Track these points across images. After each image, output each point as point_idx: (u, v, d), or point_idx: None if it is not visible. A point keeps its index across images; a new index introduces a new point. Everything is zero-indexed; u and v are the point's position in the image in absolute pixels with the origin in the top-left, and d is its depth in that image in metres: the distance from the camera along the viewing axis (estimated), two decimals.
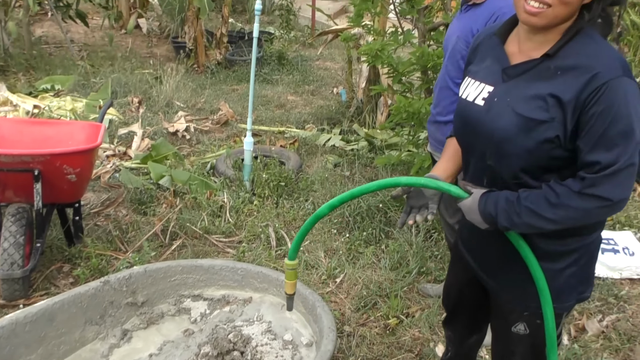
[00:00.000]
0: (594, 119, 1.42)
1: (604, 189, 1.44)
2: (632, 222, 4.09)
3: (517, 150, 1.51)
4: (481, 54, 1.71)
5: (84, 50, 8.48)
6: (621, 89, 1.41)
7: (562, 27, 1.51)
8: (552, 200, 1.49)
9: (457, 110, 1.73)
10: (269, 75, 7.95)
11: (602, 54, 1.46)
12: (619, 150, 1.42)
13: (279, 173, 4.44)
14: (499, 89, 1.58)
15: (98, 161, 4.78)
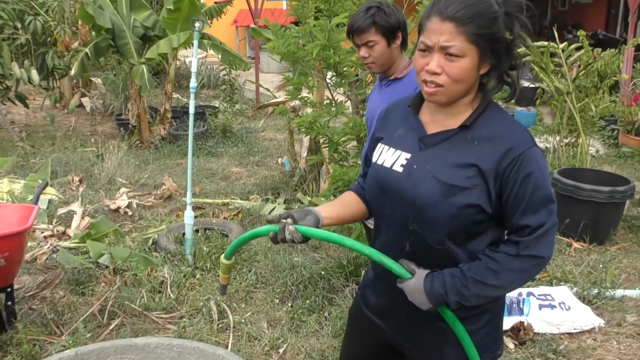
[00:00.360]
0: (517, 187, 1.53)
1: (537, 249, 1.54)
2: (568, 277, 4.20)
3: (441, 215, 1.56)
4: (393, 123, 1.77)
5: (25, 131, 8.41)
6: (534, 158, 1.54)
7: (468, 99, 1.61)
8: (493, 267, 1.56)
9: (373, 176, 1.74)
10: (213, 148, 8.01)
11: (513, 126, 1.58)
12: (544, 213, 1.53)
13: (220, 245, 4.43)
14: (418, 156, 1.64)
15: (35, 242, 4.68)
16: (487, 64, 1.56)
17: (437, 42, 1.52)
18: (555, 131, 6.54)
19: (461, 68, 1.52)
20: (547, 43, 6.23)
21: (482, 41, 1.51)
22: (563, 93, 6.20)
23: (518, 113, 9.65)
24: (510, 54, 1.57)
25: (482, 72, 1.57)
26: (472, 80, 1.56)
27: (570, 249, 4.74)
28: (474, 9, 1.50)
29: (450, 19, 1.50)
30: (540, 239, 1.53)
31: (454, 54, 1.51)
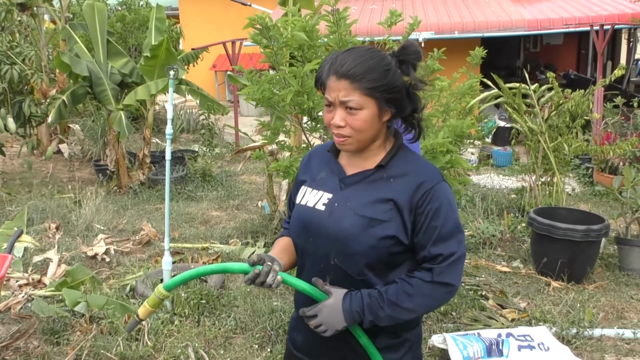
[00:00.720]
0: (429, 219, 1.67)
1: (450, 276, 1.68)
2: (546, 317, 4.21)
3: (361, 247, 1.68)
4: (315, 167, 1.89)
5: (1, 178, 8.33)
6: (443, 191, 1.70)
7: (378, 143, 1.75)
8: (409, 291, 1.68)
9: (297, 216, 1.84)
10: (193, 192, 8.00)
11: (424, 164, 1.76)
12: (454, 242, 1.69)
13: (199, 291, 4.39)
14: (339, 195, 1.76)
15: (9, 292, 4.59)
16: (388, 111, 1.69)
17: (337, 98, 1.66)
18: (531, 170, 6.65)
19: (361, 120, 1.65)
20: (518, 84, 6.39)
21: (378, 93, 1.64)
22: (536, 133, 6.32)
23: (495, 152, 9.81)
24: (411, 99, 1.71)
25: (385, 119, 1.71)
26: (376, 127, 1.70)
27: (548, 288, 4.76)
28: (365, 66, 1.63)
29: (345, 76, 1.63)
30: (452, 267, 1.68)
31: (353, 108, 1.64)
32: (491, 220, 6.28)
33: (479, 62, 6.67)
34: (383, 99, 1.65)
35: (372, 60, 1.64)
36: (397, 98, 1.67)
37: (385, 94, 1.64)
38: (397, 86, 1.65)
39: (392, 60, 1.66)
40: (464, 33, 10.45)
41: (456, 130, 3.84)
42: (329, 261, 1.74)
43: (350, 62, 1.64)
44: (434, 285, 1.68)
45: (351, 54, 1.66)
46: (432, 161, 3.58)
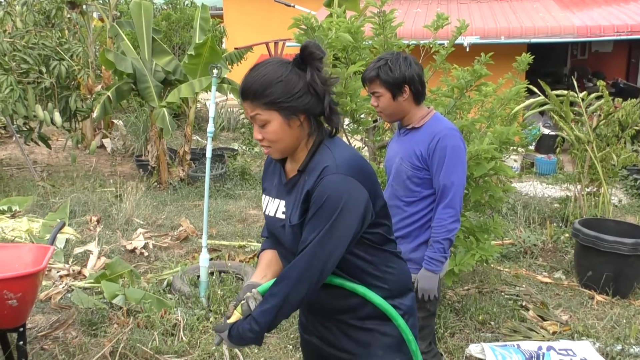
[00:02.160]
0: (312, 205, 1.73)
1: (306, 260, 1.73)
2: (590, 332, 4.07)
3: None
4: (270, 173, 1.99)
5: (46, 170, 8.53)
6: (332, 183, 1.70)
7: (302, 145, 1.82)
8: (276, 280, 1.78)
9: (267, 226, 1.99)
10: (231, 190, 8.04)
11: (329, 156, 1.76)
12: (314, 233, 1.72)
13: (235, 288, 4.39)
14: (286, 201, 1.87)
15: (50, 282, 4.68)
16: (296, 118, 1.74)
17: (248, 117, 1.78)
18: (576, 180, 6.48)
19: (272, 132, 1.75)
20: (566, 92, 6.23)
21: (277, 105, 1.71)
22: (584, 142, 6.16)
23: (538, 160, 9.60)
24: (320, 97, 1.75)
25: (296, 125, 1.76)
26: (293, 134, 1.77)
27: (592, 302, 4.62)
28: (259, 83, 1.72)
29: (245, 97, 1.75)
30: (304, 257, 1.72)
31: (261, 123, 1.75)
32: (533, 229, 6.14)
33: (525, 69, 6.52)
34: (285, 110, 1.72)
35: (265, 77, 1.71)
36: (302, 103, 1.73)
37: (284, 104, 1.71)
38: (296, 93, 1.71)
39: (286, 69, 1.73)
40: (510, 38, 10.25)
41: (501, 137, 3.74)
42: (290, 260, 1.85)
43: (248, 83, 1.74)
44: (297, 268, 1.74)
45: (250, 74, 1.75)
46: (475, 167, 3.50)
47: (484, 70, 3.72)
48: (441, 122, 2.72)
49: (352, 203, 1.71)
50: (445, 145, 2.63)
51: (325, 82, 1.76)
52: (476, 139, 3.77)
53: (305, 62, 1.74)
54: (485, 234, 3.85)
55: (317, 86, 1.73)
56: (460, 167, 2.67)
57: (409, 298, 1.95)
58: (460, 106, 3.89)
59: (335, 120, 1.80)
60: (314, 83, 1.73)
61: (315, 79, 1.73)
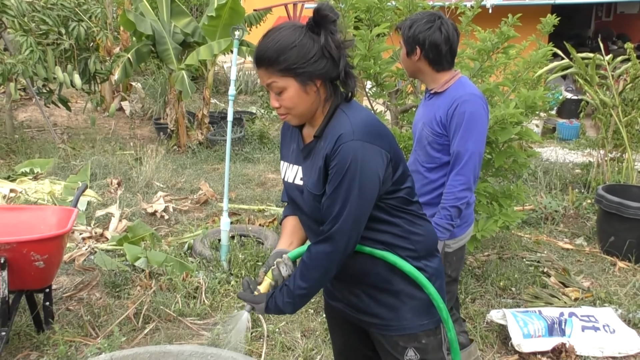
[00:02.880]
0: (331, 175, 1.71)
1: (333, 234, 1.73)
2: (612, 298, 4.05)
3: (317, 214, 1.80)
4: (288, 139, 1.97)
5: (66, 133, 8.57)
6: (349, 151, 1.68)
7: (319, 111, 1.79)
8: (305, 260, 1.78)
9: (287, 192, 1.97)
10: (250, 154, 8.04)
11: (345, 123, 1.73)
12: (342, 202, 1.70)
13: (256, 253, 4.41)
14: (303, 167, 1.86)
15: (73, 244, 4.74)
16: (312, 83, 1.72)
17: (264, 84, 1.76)
18: (600, 145, 6.38)
19: (288, 98, 1.72)
20: (592, 55, 6.09)
21: (292, 71, 1.68)
22: (609, 106, 6.04)
23: (560, 125, 9.46)
24: (335, 61, 1.71)
25: (313, 90, 1.73)
26: (310, 100, 1.74)
27: (614, 269, 4.58)
28: (273, 49, 1.68)
29: (260, 64, 1.72)
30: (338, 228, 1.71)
31: (277, 90, 1.72)
32: (554, 195, 6.08)
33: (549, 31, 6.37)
34: (301, 75, 1.69)
35: (279, 43, 1.68)
36: (317, 68, 1.70)
37: (300, 69, 1.68)
38: (311, 57, 1.68)
39: (300, 34, 1.69)
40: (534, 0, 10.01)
41: (528, 101, 3.67)
42: (309, 225, 1.89)
43: (261, 50, 1.70)
44: (321, 249, 1.74)
45: (263, 40, 1.72)
46: (500, 132, 3.44)
47: (511, 32, 3.62)
48: (464, 87, 2.65)
49: (372, 169, 1.70)
50: (464, 111, 2.56)
51: (340, 45, 1.72)
52: (501, 103, 3.70)
53: (319, 26, 1.70)
54: (508, 199, 3.81)
55: (332, 50, 1.70)
56: (477, 134, 2.59)
57: (436, 260, 1.94)
58: (486, 69, 3.81)
59: (351, 84, 1.78)
60: (328, 47, 1.70)
61: (329, 42, 1.70)
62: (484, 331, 3.64)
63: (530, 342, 3.36)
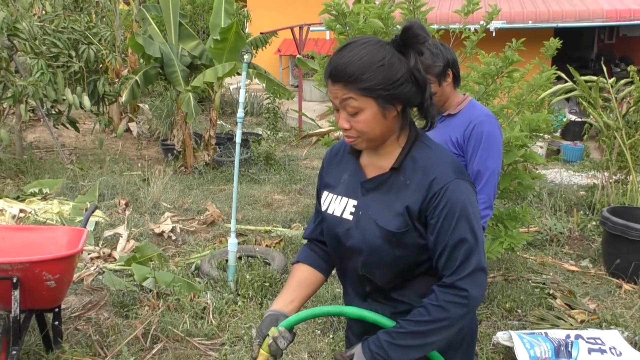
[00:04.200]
0: (439, 223, 1.55)
1: (465, 282, 1.55)
2: (618, 321, 4.06)
3: (386, 259, 1.62)
4: (338, 168, 1.78)
5: (75, 154, 8.65)
6: (455, 191, 1.55)
7: (393, 139, 1.63)
8: (424, 317, 1.55)
9: (328, 228, 1.76)
10: (256, 175, 8.09)
11: (437, 160, 1.60)
12: (467, 253, 1.55)
13: (263, 273, 4.44)
14: (362, 202, 1.67)
15: (82, 264, 4.78)
16: (393, 108, 1.55)
17: (336, 102, 1.57)
18: (604, 167, 6.41)
19: (363, 121, 1.55)
20: (595, 78, 6.15)
21: (374, 92, 1.51)
22: (612, 129, 6.08)
23: (565, 147, 9.51)
24: (420, 87, 1.55)
25: (392, 115, 1.57)
26: (385, 125, 1.57)
27: (620, 291, 4.59)
28: (356, 65, 1.51)
29: (337, 80, 1.53)
30: (469, 277, 1.54)
31: (352, 111, 1.55)
32: (559, 217, 6.10)
33: (553, 54, 6.45)
34: (382, 98, 1.52)
35: (364, 58, 1.51)
36: (402, 92, 1.53)
37: (383, 91, 1.51)
38: (397, 80, 1.51)
39: (388, 52, 1.52)
40: (537, 23, 10.12)
41: (532, 124, 3.73)
42: (358, 272, 1.69)
43: (342, 63, 1.53)
44: (446, 296, 1.55)
45: (343, 53, 1.54)
46: (505, 155, 3.49)
47: (515, 56, 3.69)
48: (477, 109, 2.72)
49: (477, 207, 1.61)
50: (482, 131, 2.62)
51: (428, 69, 1.56)
52: (506, 126, 3.76)
53: (407, 46, 1.53)
54: (513, 221, 3.84)
55: (420, 74, 1.53)
56: (495, 153, 2.66)
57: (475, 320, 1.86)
58: (491, 93, 3.87)
59: (432, 113, 1.61)
60: (416, 70, 1.53)
61: (418, 65, 1.53)
62: (490, 353, 3.65)
63: None
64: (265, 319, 1.69)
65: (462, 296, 1.54)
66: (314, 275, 1.83)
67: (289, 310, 1.72)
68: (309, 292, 1.81)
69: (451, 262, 1.55)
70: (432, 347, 1.59)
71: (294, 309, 1.73)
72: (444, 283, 1.57)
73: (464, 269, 1.54)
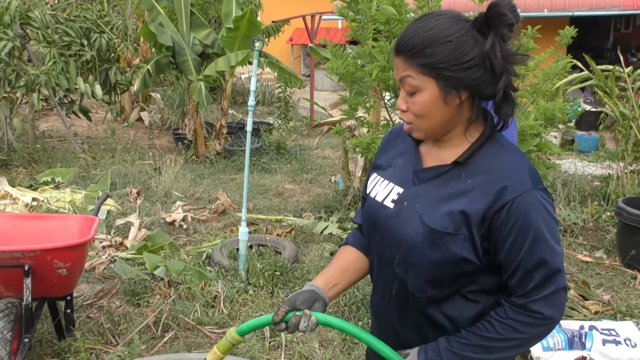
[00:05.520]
0: (510, 238, 1.37)
1: (542, 306, 1.39)
2: (634, 312, 4.01)
3: (422, 260, 1.44)
4: (393, 151, 1.62)
5: (87, 143, 8.68)
6: (531, 203, 1.36)
7: (458, 131, 1.45)
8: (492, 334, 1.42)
9: (367, 211, 1.61)
10: (267, 165, 8.08)
11: (512, 164, 1.41)
12: (546, 273, 1.38)
13: (274, 262, 4.43)
14: (409, 191, 1.50)
15: (93, 252, 4.79)
16: (456, 94, 1.37)
17: (397, 78, 1.43)
18: (620, 158, 6.33)
19: (420, 103, 1.39)
20: (611, 67, 6.06)
21: (438, 70, 1.35)
22: (628, 119, 6.00)
23: (579, 137, 9.41)
24: (495, 74, 1.36)
25: (456, 103, 1.39)
26: (445, 113, 1.40)
27: (634, 282, 4.54)
28: (421, 37, 1.36)
29: (400, 52, 1.39)
30: (547, 299, 1.38)
31: (410, 90, 1.40)
32: (573, 208, 6.04)
33: (568, 43, 6.35)
34: (445, 79, 1.35)
35: (432, 31, 1.34)
36: (469, 76, 1.34)
37: (446, 71, 1.34)
38: (466, 61, 1.33)
39: (462, 28, 1.34)
40: (553, 11, 9.99)
41: (547, 113, 3.67)
42: (394, 268, 1.52)
43: (407, 35, 1.37)
44: (517, 316, 1.40)
45: (414, 25, 1.39)
46: (520, 144, 3.44)
47: (531, 43, 3.64)
48: None
49: (554, 220, 1.42)
50: None
51: (508, 58, 1.36)
52: (521, 115, 3.71)
53: (490, 26, 1.34)
54: None
55: (496, 60, 1.34)
56: None
57: None
58: None
59: (506, 109, 1.41)
60: (492, 55, 1.33)
61: (496, 49, 1.33)
62: None
63: (551, 355, 3.34)
64: (305, 292, 1.54)
65: (537, 318, 1.39)
66: (362, 260, 1.68)
67: (330, 296, 1.58)
68: (355, 278, 1.67)
69: (524, 283, 1.39)
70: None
71: (335, 293, 1.61)
72: (514, 302, 1.41)
73: (540, 291, 1.38)
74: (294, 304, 1.51)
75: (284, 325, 1.50)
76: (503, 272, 1.42)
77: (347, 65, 3.96)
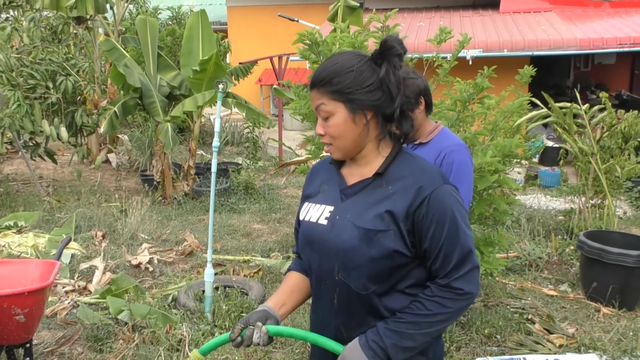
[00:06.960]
0: (432, 228, 1.61)
1: (462, 283, 1.63)
2: (597, 345, 4.05)
3: (361, 259, 1.64)
4: (318, 182, 1.85)
5: (52, 186, 8.57)
6: (444, 196, 1.63)
7: (371, 148, 1.70)
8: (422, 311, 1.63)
9: (302, 234, 1.81)
10: (235, 205, 8.05)
11: (423, 168, 1.69)
12: (462, 253, 1.63)
13: (240, 303, 4.40)
14: (339, 207, 1.72)
15: (56, 297, 4.69)
16: (362, 114, 1.64)
17: (313, 109, 1.70)
18: (581, 192, 6.48)
19: (334, 125, 1.65)
20: (569, 104, 6.25)
21: (344, 95, 1.62)
22: (587, 154, 6.16)
23: (542, 173, 9.61)
24: (391, 98, 1.63)
25: (363, 123, 1.65)
26: (356, 132, 1.66)
27: (598, 315, 4.60)
28: (328, 71, 1.64)
29: (313, 85, 1.67)
30: (465, 277, 1.63)
31: (324, 115, 1.66)
32: (537, 242, 6.13)
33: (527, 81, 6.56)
34: (351, 102, 1.62)
35: (337, 64, 1.64)
36: (371, 98, 1.62)
37: (351, 95, 1.62)
38: (365, 86, 1.62)
39: (361, 61, 1.64)
40: (513, 51, 10.30)
41: (504, 150, 3.76)
42: (334, 277, 1.70)
43: (319, 70, 1.66)
44: (442, 293, 1.63)
45: (323, 63, 1.68)
46: (479, 180, 3.51)
47: (485, 83, 3.75)
48: (448, 138, 2.74)
49: (464, 208, 1.70)
50: (452, 160, 2.64)
51: (401, 82, 1.64)
52: (479, 152, 3.79)
53: (383, 57, 1.63)
54: (490, 247, 3.86)
55: (391, 84, 1.62)
56: (466, 182, 2.67)
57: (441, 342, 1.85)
58: (464, 119, 3.92)
59: (405, 126, 1.68)
60: (387, 79, 1.62)
61: (390, 76, 1.62)
62: None
63: None
64: (258, 311, 1.73)
65: (459, 294, 1.63)
66: (305, 281, 1.86)
67: (281, 314, 1.77)
68: (301, 298, 1.85)
69: (445, 265, 1.63)
70: (427, 337, 1.66)
71: (285, 312, 1.79)
72: (438, 283, 1.65)
73: (458, 271, 1.63)
74: (248, 322, 1.70)
75: (240, 339, 1.68)
76: (427, 259, 1.66)
77: (310, 106, 4.01)
